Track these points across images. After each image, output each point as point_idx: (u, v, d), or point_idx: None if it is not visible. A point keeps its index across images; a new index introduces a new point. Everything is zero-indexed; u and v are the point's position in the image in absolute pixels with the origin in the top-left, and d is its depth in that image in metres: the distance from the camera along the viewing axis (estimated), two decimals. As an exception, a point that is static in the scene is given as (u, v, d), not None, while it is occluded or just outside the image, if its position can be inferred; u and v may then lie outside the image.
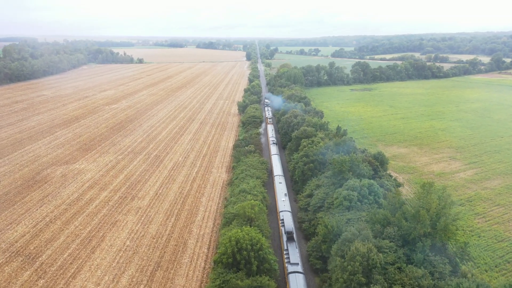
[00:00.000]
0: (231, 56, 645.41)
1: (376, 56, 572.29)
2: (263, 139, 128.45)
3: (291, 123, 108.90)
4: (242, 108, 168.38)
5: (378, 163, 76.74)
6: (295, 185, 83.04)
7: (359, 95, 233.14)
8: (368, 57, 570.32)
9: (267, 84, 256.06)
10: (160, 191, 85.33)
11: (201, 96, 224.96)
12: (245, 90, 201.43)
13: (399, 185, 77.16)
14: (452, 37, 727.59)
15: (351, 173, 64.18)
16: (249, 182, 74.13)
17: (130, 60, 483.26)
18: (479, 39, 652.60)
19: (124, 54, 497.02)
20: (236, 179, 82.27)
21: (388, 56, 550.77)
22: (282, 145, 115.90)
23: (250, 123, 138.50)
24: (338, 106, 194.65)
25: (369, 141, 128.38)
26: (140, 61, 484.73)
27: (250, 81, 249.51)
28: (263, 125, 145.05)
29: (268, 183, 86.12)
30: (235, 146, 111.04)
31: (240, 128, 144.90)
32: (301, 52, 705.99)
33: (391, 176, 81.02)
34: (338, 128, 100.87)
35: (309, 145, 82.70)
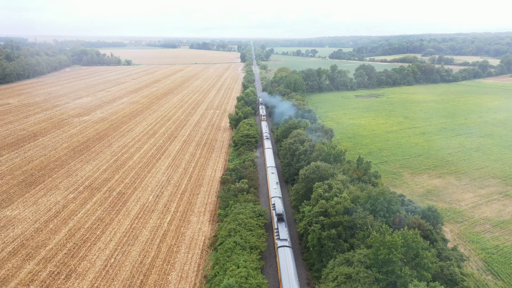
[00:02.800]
0: (225, 57, 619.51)
1: (376, 58, 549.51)
2: (259, 160, 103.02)
3: (296, 151, 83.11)
4: (235, 122, 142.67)
5: (432, 227, 51.49)
6: (307, 255, 57.16)
7: (366, 103, 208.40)
8: (368, 58, 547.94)
9: (263, 90, 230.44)
10: (112, 260, 59.22)
11: (189, 104, 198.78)
12: (238, 99, 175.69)
13: (462, 258, 51.89)
14: (453, 37, 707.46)
15: (406, 264, 39.02)
16: (239, 259, 48.48)
17: (117, 62, 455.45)
18: (481, 39, 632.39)
19: (111, 55, 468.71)
20: (220, 245, 56.53)
21: (389, 58, 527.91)
22: (283, 178, 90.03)
23: (243, 143, 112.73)
24: (346, 117, 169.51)
25: (391, 168, 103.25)
26: (128, 63, 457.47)
27: (245, 87, 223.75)
28: (260, 142, 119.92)
29: (268, 238, 60.49)
30: (223, 181, 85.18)
31: (231, 149, 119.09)
32: (298, 53, 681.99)
33: (445, 240, 55.74)
34: (360, 160, 75.47)
35: (326, 194, 57.14)
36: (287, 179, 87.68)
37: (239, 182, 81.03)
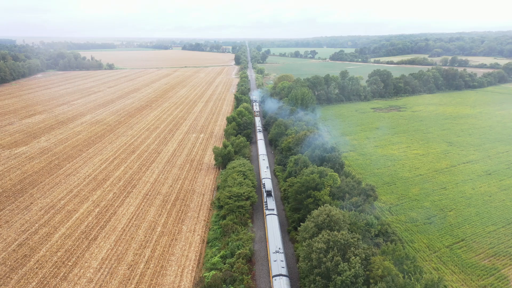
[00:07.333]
0: (219, 60, 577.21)
1: (381, 59, 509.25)
2: (259, 245, 61.22)
3: (333, 271, 41.06)
4: (222, 158, 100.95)
5: None
6: None
7: (390, 120, 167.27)
8: (372, 60, 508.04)
9: (261, 102, 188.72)
10: None
11: (166, 124, 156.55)
12: (229, 120, 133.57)
13: None
14: (459, 37, 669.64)
15: None
16: None
17: (98, 66, 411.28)
18: (490, 39, 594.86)
19: (92, 58, 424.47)
20: None
21: (395, 59, 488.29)
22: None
23: (232, 209, 70.58)
24: (370, 144, 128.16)
25: (478, 257, 61.93)
26: (110, 67, 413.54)
27: (238, 100, 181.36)
28: (263, 198, 78.52)
29: None
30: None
31: (214, 212, 77.05)
32: (296, 55, 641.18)
33: None
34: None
35: None
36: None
37: None
